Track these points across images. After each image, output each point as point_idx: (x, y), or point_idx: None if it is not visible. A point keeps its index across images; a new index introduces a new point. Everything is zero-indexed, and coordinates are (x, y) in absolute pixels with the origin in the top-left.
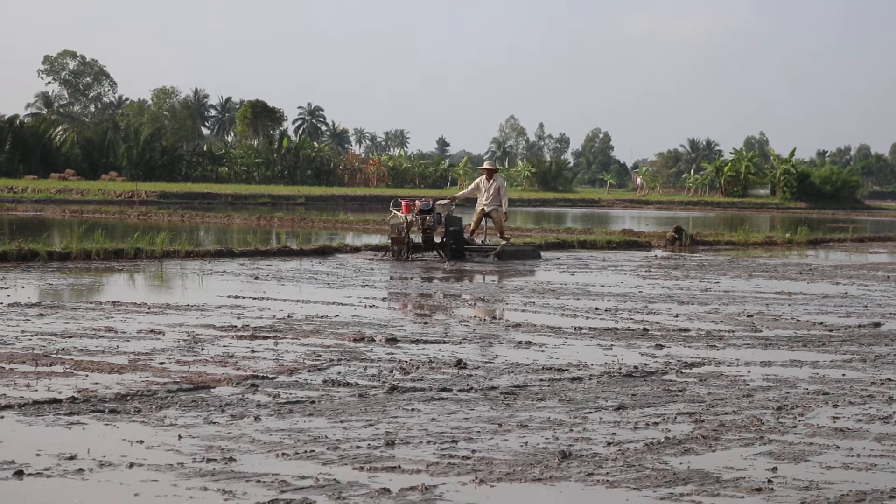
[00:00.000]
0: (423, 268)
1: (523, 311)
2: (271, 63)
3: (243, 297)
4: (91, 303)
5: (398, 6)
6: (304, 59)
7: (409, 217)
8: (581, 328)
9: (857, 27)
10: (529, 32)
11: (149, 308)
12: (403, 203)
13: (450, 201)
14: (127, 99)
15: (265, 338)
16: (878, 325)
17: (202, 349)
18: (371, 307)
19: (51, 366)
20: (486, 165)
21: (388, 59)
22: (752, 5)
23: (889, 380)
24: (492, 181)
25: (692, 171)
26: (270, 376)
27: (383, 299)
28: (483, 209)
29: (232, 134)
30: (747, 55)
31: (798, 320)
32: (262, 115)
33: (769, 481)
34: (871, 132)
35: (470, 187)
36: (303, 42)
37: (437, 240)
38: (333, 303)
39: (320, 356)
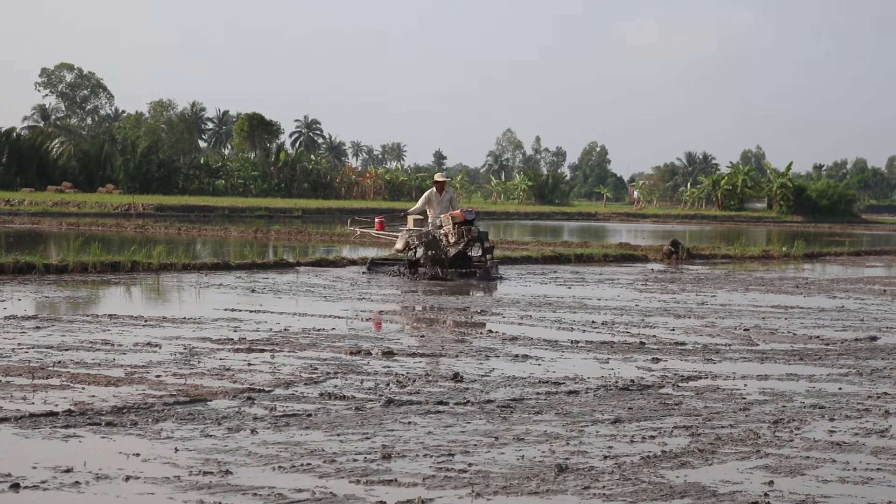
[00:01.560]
0: (427, 283)
1: (520, 324)
2: (268, 76)
3: (240, 310)
4: (87, 315)
5: (396, 20)
6: (302, 73)
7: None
8: (578, 341)
9: (854, 41)
10: (526, 46)
11: (145, 321)
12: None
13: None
14: (124, 112)
15: (262, 351)
16: (874, 338)
17: (199, 362)
18: (368, 320)
19: (47, 378)
20: (437, 178)
21: (386, 73)
22: (750, 19)
23: (885, 393)
24: (443, 194)
25: (689, 184)
26: (267, 389)
27: (380, 312)
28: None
29: (229, 147)
30: (744, 69)
31: (794, 334)
32: (259, 128)
33: (765, 495)
34: (867, 146)
35: (420, 201)
36: (300, 55)
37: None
38: (330, 316)
39: (317, 369)
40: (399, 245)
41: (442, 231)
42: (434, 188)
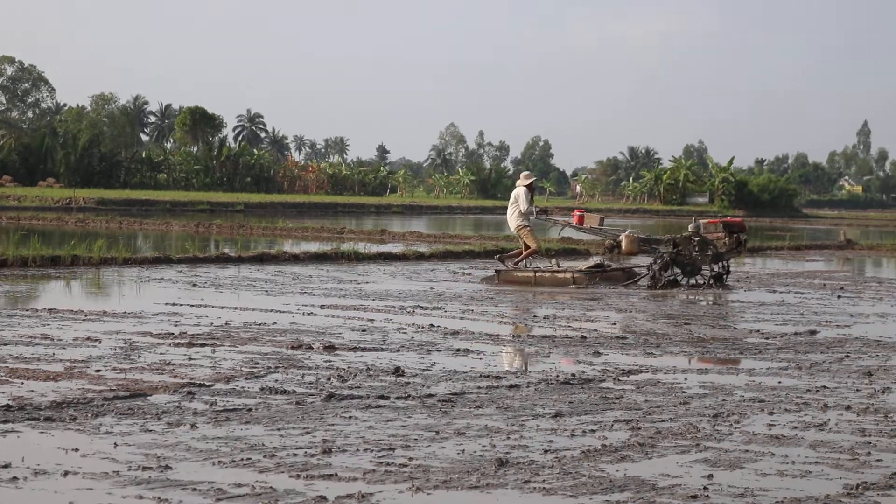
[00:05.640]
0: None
1: (461, 318)
2: (211, 70)
3: (181, 305)
4: (27, 310)
5: (337, 14)
6: (244, 66)
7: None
8: (519, 336)
9: (794, 36)
10: (470, 39)
11: (85, 315)
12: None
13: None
14: (65, 105)
15: (202, 345)
16: (814, 332)
17: (139, 357)
18: (309, 314)
19: None
20: (528, 179)
21: (328, 66)
22: (692, 16)
23: (824, 387)
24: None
25: (631, 179)
26: (207, 384)
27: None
28: None
29: (171, 141)
30: (686, 64)
31: (735, 328)
32: (202, 121)
33: (705, 488)
34: (808, 141)
35: (528, 201)
36: (242, 49)
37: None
38: (271, 310)
39: (258, 364)
40: (630, 247)
41: (709, 237)
42: (526, 188)
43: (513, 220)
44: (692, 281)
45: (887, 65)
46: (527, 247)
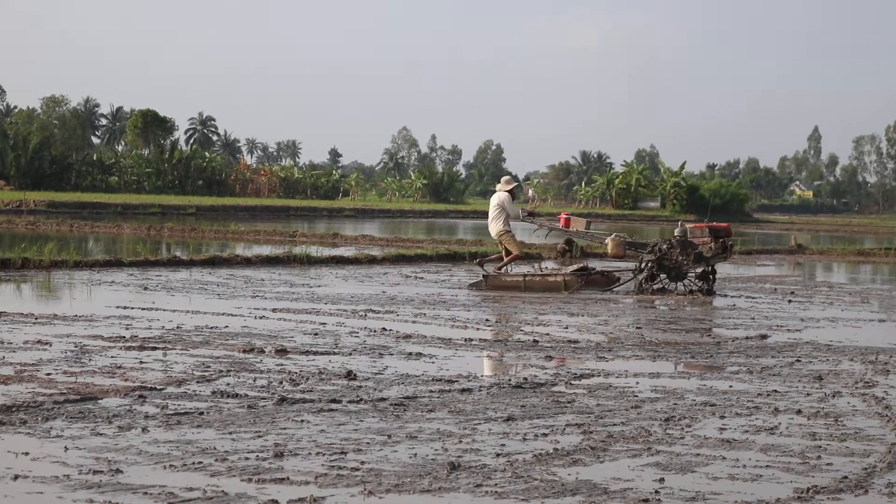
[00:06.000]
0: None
1: (414, 322)
2: (162, 72)
3: (132, 308)
4: None
5: (287, 15)
6: (196, 69)
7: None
8: (471, 339)
9: (745, 39)
10: (422, 43)
11: (36, 318)
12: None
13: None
14: (16, 107)
15: (154, 349)
16: (764, 337)
17: (90, 360)
18: (261, 318)
19: None
20: (510, 186)
21: (280, 69)
22: (642, 20)
23: (775, 391)
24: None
25: (583, 183)
26: (159, 387)
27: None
28: None
29: (122, 143)
30: (638, 68)
31: (686, 332)
32: (153, 124)
33: (656, 492)
34: (759, 146)
35: (513, 205)
36: (194, 51)
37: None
38: (223, 313)
39: (209, 367)
40: (617, 250)
41: (697, 241)
42: (508, 194)
43: (494, 225)
44: (678, 286)
45: (838, 70)
46: (508, 252)
